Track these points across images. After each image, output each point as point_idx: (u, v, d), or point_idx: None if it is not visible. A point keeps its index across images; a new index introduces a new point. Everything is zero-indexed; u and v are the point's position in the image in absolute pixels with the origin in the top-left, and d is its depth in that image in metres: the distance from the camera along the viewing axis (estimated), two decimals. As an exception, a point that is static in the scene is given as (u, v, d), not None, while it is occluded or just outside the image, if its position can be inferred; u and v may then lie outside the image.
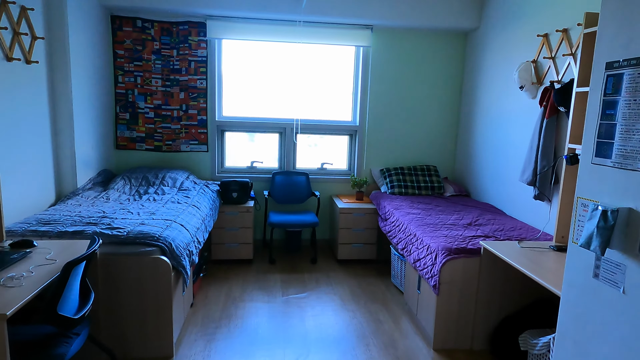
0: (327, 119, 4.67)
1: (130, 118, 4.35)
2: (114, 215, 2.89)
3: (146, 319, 2.49)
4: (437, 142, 4.80)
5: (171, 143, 4.43)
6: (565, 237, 2.64)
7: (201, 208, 3.43)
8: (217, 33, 4.22)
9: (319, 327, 3.00)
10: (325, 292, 3.57)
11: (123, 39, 4.21)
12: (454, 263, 2.67)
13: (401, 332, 2.97)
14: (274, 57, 4.50)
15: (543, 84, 3.28)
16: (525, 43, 3.54)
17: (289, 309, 3.24)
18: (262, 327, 2.96)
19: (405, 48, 4.57)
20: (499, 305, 2.73)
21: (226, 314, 3.12)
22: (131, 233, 2.54)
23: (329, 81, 4.62)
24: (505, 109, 3.81)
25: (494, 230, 3.14)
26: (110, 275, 2.42)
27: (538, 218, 3.30)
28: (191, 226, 2.97)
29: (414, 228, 3.22)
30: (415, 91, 4.66)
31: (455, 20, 4.25)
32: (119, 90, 4.28)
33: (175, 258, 2.53)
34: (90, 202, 3.27)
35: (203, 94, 4.40)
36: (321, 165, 4.76)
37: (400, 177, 4.43)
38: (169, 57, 4.29)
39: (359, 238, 4.22)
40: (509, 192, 3.73)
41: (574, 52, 2.91)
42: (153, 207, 3.22)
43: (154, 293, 2.47)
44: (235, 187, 4.10)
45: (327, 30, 4.33)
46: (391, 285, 3.76)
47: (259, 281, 3.73)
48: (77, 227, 2.58)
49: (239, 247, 4.09)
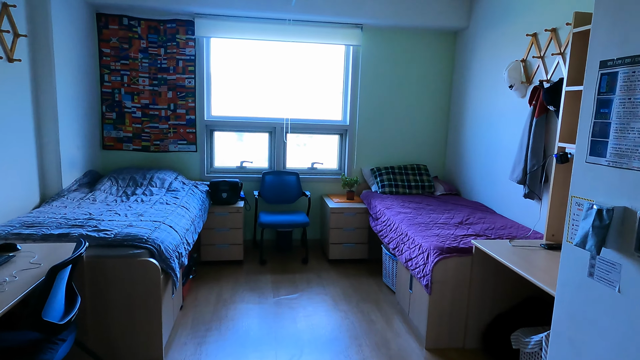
0: (317, 118, 4.64)
1: (116, 118, 4.26)
2: (100, 217, 2.83)
3: (135, 323, 2.44)
4: (427, 142, 4.80)
5: (159, 143, 4.36)
6: (556, 235, 2.66)
7: (190, 209, 3.38)
8: (206, 31, 4.16)
9: (311, 328, 2.97)
10: (316, 292, 3.54)
11: (109, 37, 4.12)
12: (445, 262, 2.66)
13: (394, 331, 2.96)
14: (263, 56, 4.46)
15: (532, 83, 3.30)
16: (514, 42, 3.56)
17: (280, 310, 3.21)
18: (253, 329, 2.92)
19: (395, 47, 4.57)
20: (491, 303, 2.73)
21: (217, 316, 3.08)
22: (119, 235, 2.48)
23: (319, 80, 4.59)
24: (495, 108, 3.83)
25: (485, 229, 3.15)
26: (98, 278, 2.36)
27: (528, 216, 3.32)
28: (180, 227, 2.92)
29: (405, 227, 3.21)
30: (405, 90, 4.66)
31: (445, 19, 4.26)
32: (105, 89, 4.20)
33: (164, 260, 2.48)
34: (76, 203, 3.20)
35: (191, 93, 4.33)
36: (311, 165, 4.73)
37: (390, 176, 4.42)
38: (157, 56, 4.22)
39: (350, 238, 4.21)
40: (499, 190, 3.75)
41: (563, 51, 2.93)
42: (141, 208, 3.16)
43: (142, 296, 2.41)
44: (224, 187, 4.05)
45: (317, 29, 4.30)
46: (383, 284, 3.75)
47: (250, 282, 3.69)
48: (63, 230, 2.51)
49: (229, 248, 4.04)
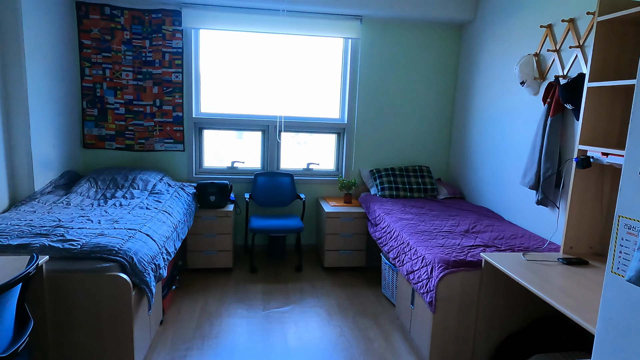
0: (313, 116, 4.36)
1: (98, 114, 3.98)
2: (70, 224, 2.55)
3: (103, 346, 2.17)
4: (430, 141, 4.53)
5: (144, 141, 4.08)
6: (574, 248, 2.39)
7: (173, 214, 3.11)
8: (194, 22, 3.88)
9: (303, 346, 2.70)
10: (310, 304, 3.27)
11: (90, 27, 3.84)
12: (451, 278, 2.40)
13: (393, 351, 2.69)
14: (256, 49, 4.17)
15: (546, 79, 3.02)
16: (525, 35, 3.28)
17: (270, 325, 2.94)
18: (239, 348, 2.65)
19: (397, 41, 4.29)
20: (501, 322, 2.46)
21: (199, 333, 2.81)
22: (86, 246, 2.21)
23: (315, 76, 4.31)
24: (504, 106, 3.55)
25: (494, 238, 2.88)
26: (60, 296, 2.09)
27: (540, 224, 3.05)
28: (159, 236, 2.65)
29: (406, 236, 2.94)
30: (406, 87, 4.38)
31: (450, 11, 3.97)
32: (85, 83, 3.92)
33: (137, 274, 2.21)
34: (47, 208, 2.92)
35: (179, 89, 4.05)
36: (307, 165, 4.45)
37: (391, 178, 4.15)
38: (141, 48, 3.93)
39: (347, 244, 3.94)
40: (508, 195, 3.48)
41: (582, 43, 2.66)
42: (117, 213, 2.89)
43: (111, 316, 2.15)
44: (213, 189, 3.77)
45: (313, 21, 4.01)
46: (382, 296, 3.48)
47: (239, 293, 3.42)
48: (23, 240, 2.24)
49: (217, 254, 3.77)
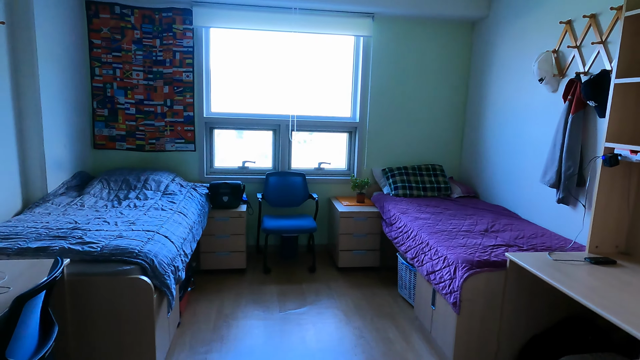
0: (325, 115, 4.32)
1: (109, 114, 3.95)
2: (87, 226, 2.52)
3: (125, 349, 2.14)
4: (442, 140, 4.49)
5: (155, 142, 4.05)
6: (600, 247, 2.35)
7: (188, 215, 3.08)
8: (204, 21, 3.84)
9: (322, 348, 2.67)
10: (326, 305, 3.24)
11: (99, 27, 3.80)
12: (476, 278, 2.36)
13: (415, 353, 2.66)
14: (267, 48, 4.13)
15: (566, 75, 2.98)
16: (542, 31, 3.24)
17: (287, 326, 2.91)
18: (258, 349, 2.62)
19: (408, 38, 4.25)
20: (526, 323, 2.42)
21: (218, 335, 2.77)
22: (106, 248, 2.18)
23: (327, 74, 4.26)
24: (520, 103, 3.51)
25: (514, 237, 2.84)
26: (81, 299, 2.06)
27: (561, 223, 3.01)
28: (177, 237, 2.61)
29: (425, 236, 2.90)
30: (419, 85, 4.34)
31: (462, 8, 3.93)
32: (96, 83, 3.88)
33: (158, 277, 2.17)
34: (61, 209, 2.89)
35: (189, 88, 4.02)
36: (318, 165, 4.42)
37: (404, 177, 4.11)
38: (151, 48, 3.90)
39: (360, 244, 3.90)
40: (524, 193, 3.44)
41: (605, 39, 2.62)
42: (133, 215, 2.85)
43: (133, 319, 2.11)
44: (225, 189, 3.74)
45: (324, 19, 3.97)
46: (398, 296, 3.45)
47: (254, 294, 3.39)
48: (42, 242, 2.20)
49: (230, 255, 3.74)
